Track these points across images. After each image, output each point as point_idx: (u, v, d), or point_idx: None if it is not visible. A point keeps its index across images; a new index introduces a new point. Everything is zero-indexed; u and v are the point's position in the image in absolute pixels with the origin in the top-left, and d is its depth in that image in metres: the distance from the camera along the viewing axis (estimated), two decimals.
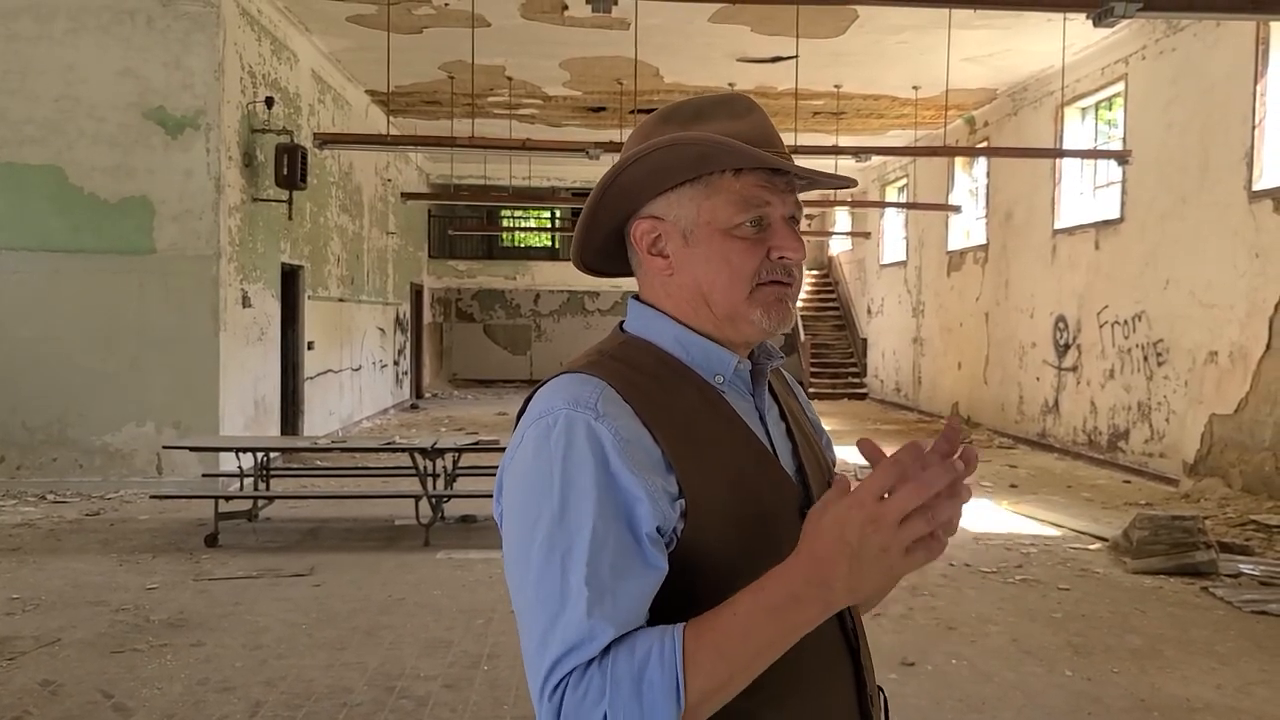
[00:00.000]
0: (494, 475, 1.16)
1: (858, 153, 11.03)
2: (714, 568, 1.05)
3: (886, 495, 0.90)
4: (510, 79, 13.03)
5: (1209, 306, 9.08)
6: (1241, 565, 6.37)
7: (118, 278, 8.65)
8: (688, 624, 0.97)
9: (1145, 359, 10.13)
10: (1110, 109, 11.51)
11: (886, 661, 4.58)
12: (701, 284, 1.15)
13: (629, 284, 1.28)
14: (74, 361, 8.61)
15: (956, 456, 0.91)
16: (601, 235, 1.23)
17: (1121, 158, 10.23)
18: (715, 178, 1.14)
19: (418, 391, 18.93)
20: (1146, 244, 10.14)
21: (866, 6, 9.36)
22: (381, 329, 15.62)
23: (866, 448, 0.97)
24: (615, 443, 1.03)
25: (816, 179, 1.17)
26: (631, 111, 13.58)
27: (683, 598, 1.03)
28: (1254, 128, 8.51)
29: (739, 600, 0.97)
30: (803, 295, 22.57)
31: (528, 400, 1.13)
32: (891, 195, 19.00)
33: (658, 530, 1.02)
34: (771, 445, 1.17)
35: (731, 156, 1.11)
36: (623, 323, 1.22)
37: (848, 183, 1.21)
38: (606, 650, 0.97)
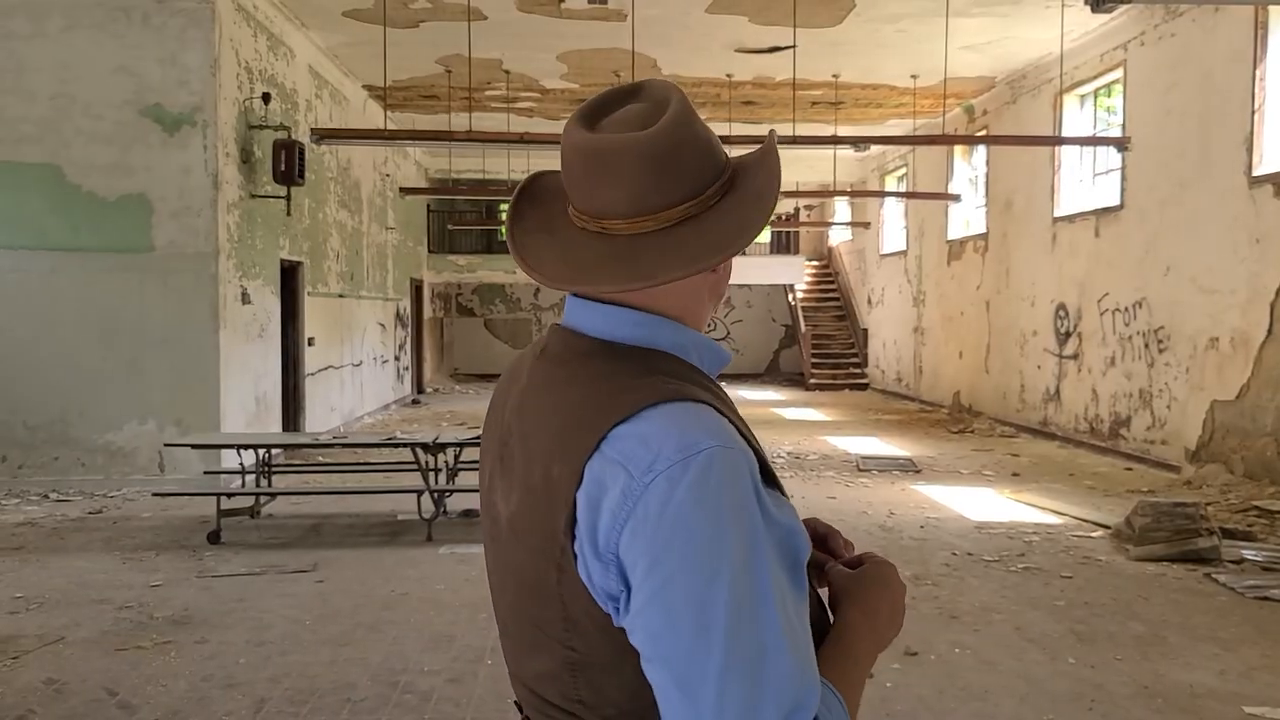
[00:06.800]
0: None
1: (856, 142, 11.00)
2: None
3: None
4: (507, 72, 13.00)
5: (1210, 293, 9.07)
6: (1244, 551, 6.37)
7: (117, 276, 8.64)
8: (828, 677, 0.97)
9: (1146, 346, 10.12)
10: (1109, 96, 11.48)
11: (890, 651, 4.59)
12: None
13: None
14: (74, 360, 8.61)
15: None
16: None
17: (1121, 144, 10.21)
18: None
19: (419, 387, 18.94)
20: (1146, 231, 10.12)
21: None
22: (382, 324, 15.62)
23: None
24: (757, 473, 0.94)
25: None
26: None
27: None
28: (1254, 113, 8.49)
29: (860, 649, 1.05)
30: (803, 286, 22.57)
31: (601, 438, 0.94)
32: (891, 185, 18.96)
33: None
34: None
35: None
36: (606, 341, 1.04)
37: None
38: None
